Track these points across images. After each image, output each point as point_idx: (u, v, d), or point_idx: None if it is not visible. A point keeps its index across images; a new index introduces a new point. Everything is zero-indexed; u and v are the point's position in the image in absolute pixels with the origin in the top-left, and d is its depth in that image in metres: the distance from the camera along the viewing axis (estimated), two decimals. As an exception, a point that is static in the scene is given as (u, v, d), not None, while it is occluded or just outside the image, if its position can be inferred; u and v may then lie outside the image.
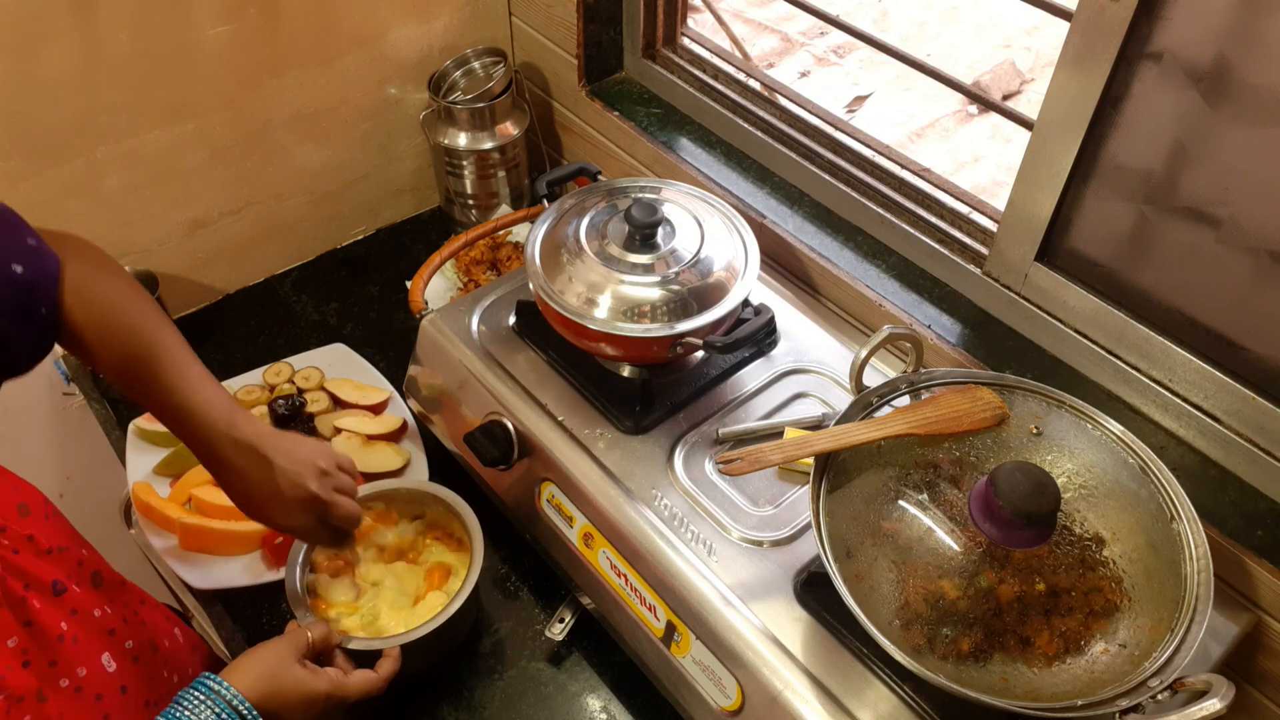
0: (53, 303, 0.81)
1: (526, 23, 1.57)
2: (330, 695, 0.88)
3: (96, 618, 0.77)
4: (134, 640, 0.80)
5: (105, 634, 0.77)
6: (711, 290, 1.05)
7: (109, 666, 0.76)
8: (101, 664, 0.75)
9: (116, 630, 0.79)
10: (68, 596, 0.74)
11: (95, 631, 0.76)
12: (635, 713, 1.06)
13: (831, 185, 1.28)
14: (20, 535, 0.72)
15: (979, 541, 0.81)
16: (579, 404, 1.09)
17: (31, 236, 0.80)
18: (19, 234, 0.80)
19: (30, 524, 0.74)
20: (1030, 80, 3.65)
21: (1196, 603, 0.79)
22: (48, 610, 0.72)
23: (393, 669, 0.95)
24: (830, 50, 3.76)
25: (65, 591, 0.74)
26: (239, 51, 1.33)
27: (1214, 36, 0.84)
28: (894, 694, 0.86)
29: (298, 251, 1.59)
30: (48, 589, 0.73)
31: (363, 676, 0.92)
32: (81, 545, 0.80)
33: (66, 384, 1.46)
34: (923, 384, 0.95)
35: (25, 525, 0.73)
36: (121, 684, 0.76)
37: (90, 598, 0.77)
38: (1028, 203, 1.04)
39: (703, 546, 0.96)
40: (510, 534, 1.18)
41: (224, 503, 1.18)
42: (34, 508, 0.75)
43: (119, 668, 0.77)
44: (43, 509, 0.77)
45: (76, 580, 0.77)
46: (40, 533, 0.74)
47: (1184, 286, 0.96)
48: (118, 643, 0.78)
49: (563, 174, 1.22)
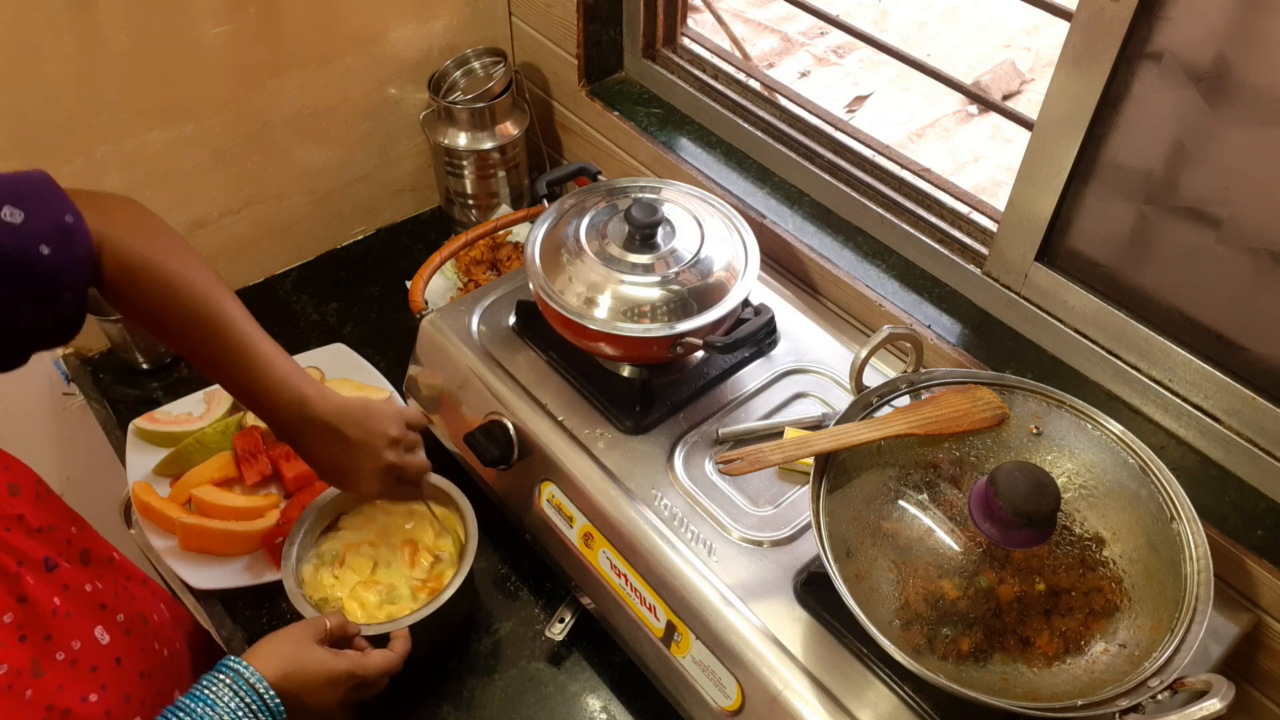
0: (79, 287, 0.81)
1: (526, 23, 1.57)
2: (352, 673, 0.89)
3: (88, 592, 0.78)
4: (125, 614, 0.81)
5: (97, 608, 0.78)
6: (711, 290, 1.05)
7: (102, 639, 0.76)
8: (95, 637, 0.76)
9: (108, 605, 0.79)
10: (59, 572, 0.75)
11: (87, 606, 0.77)
12: (635, 713, 1.06)
13: (831, 185, 1.28)
14: (11, 515, 0.73)
15: (979, 541, 0.81)
16: (579, 404, 1.09)
17: (70, 213, 0.79)
18: (57, 210, 0.78)
19: (20, 503, 0.74)
20: (1030, 80, 3.65)
21: (1196, 603, 0.79)
22: (40, 586, 0.72)
23: (405, 648, 0.97)
24: (830, 50, 3.76)
25: (56, 568, 0.75)
26: (239, 51, 1.33)
27: (1214, 36, 0.84)
28: (894, 694, 0.86)
29: (298, 251, 1.59)
30: (40, 565, 0.73)
31: (382, 654, 0.94)
32: (71, 524, 0.81)
33: (66, 384, 1.46)
34: (923, 384, 0.95)
35: (15, 505, 0.74)
36: (116, 656, 0.77)
37: (80, 573, 0.78)
38: (1028, 203, 1.04)
39: (703, 546, 0.96)
40: (510, 534, 1.18)
41: (224, 503, 1.19)
42: (24, 488, 0.76)
43: (112, 640, 0.77)
44: (34, 489, 0.77)
45: (66, 557, 0.77)
46: (30, 512, 0.75)
47: (1184, 286, 0.96)
48: (109, 616, 0.79)
49: (563, 174, 1.22)
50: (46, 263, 0.76)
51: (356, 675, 0.90)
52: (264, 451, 1.24)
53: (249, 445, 1.24)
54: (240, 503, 1.19)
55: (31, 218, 0.76)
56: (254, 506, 1.19)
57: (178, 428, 1.28)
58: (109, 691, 0.75)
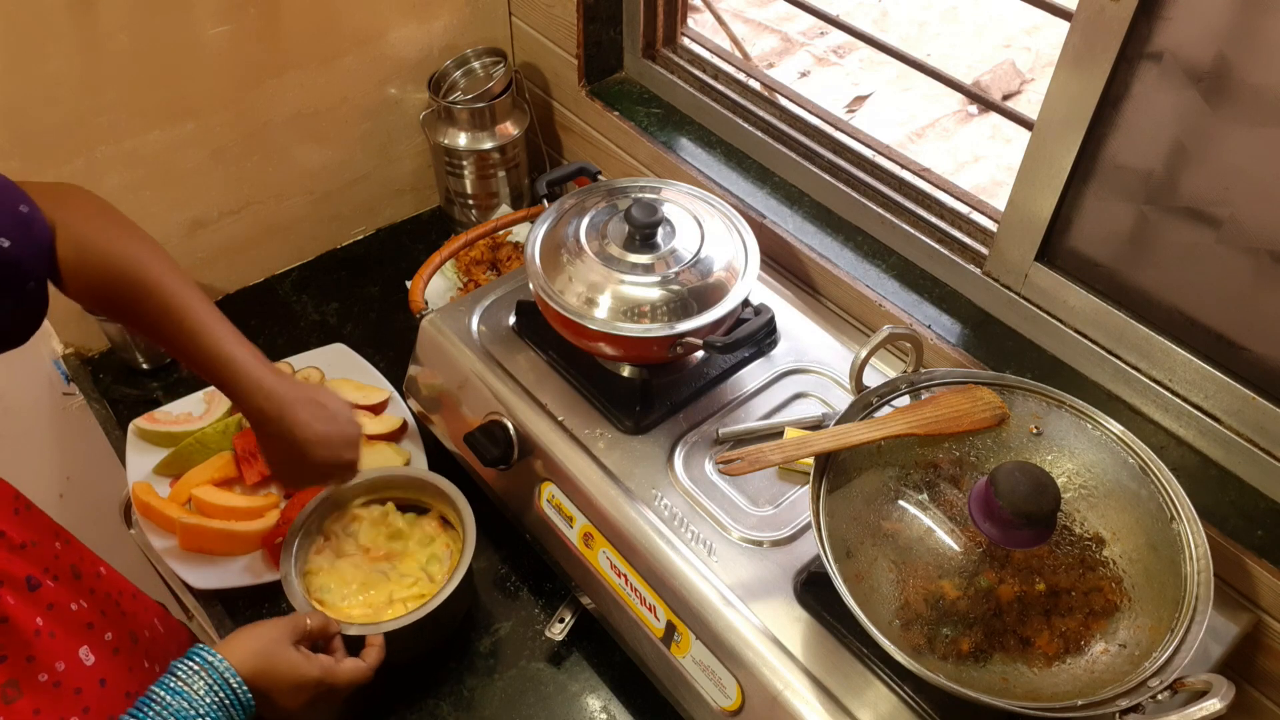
0: (41, 276, 0.80)
1: (526, 23, 1.57)
2: (321, 681, 0.88)
3: (74, 611, 0.77)
4: (114, 633, 0.80)
5: (84, 627, 0.77)
6: (711, 290, 1.05)
7: (87, 660, 0.76)
8: (79, 658, 0.75)
9: (95, 623, 0.79)
10: (43, 591, 0.74)
11: (73, 625, 0.76)
12: (635, 713, 1.06)
13: (831, 185, 1.28)
14: None
15: (979, 541, 0.81)
16: (579, 404, 1.09)
17: (24, 203, 0.78)
18: (11, 201, 0.78)
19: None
20: (1030, 80, 3.65)
21: (1196, 603, 0.79)
22: (22, 606, 0.72)
23: (378, 658, 0.96)
24: (830, 50, 3.76)
25: (40, 586, 0.74)
26: (239, 51, 1.33)
27: (1214, 36, 0.84)
28: (894, 694, 0.86)
29: (298, 251, 1.59)
30: (22, 584, 0.73)
31: (352, 664, 0.93)
32: (55, 538, 0.80)
33: (66, 384, 1.46)
34: (923, 384, 0.95)
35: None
36: (100, 677, 0.77)
37: (67, 591, 0.77)
38: (1028, 203, 1.04)
39: (703, 546, 0.96)
40: (510, 534, 1.18)
41: (224, 503, 1.19)
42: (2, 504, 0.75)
43: (97, 660, 0.77)
44: (12, 504, 0.77)
45: (53, 573, 0.77)
46: (11, 528, 0.74)
47: (1184, 286, 0.96)
48: (97, 635, 0.78)
49: (563, 174, 1.22)
50: (7, 254, 0.76)
51: (325, 683, 0.89)
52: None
53: (249, 445, 1.24)
54: (240, 503, 1.19)
55: None
56: (254, 506, 1.19)
57: (178, 428, 1.28)
58: (92, 714, 0.74)
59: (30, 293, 0.79)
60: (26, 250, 0.77)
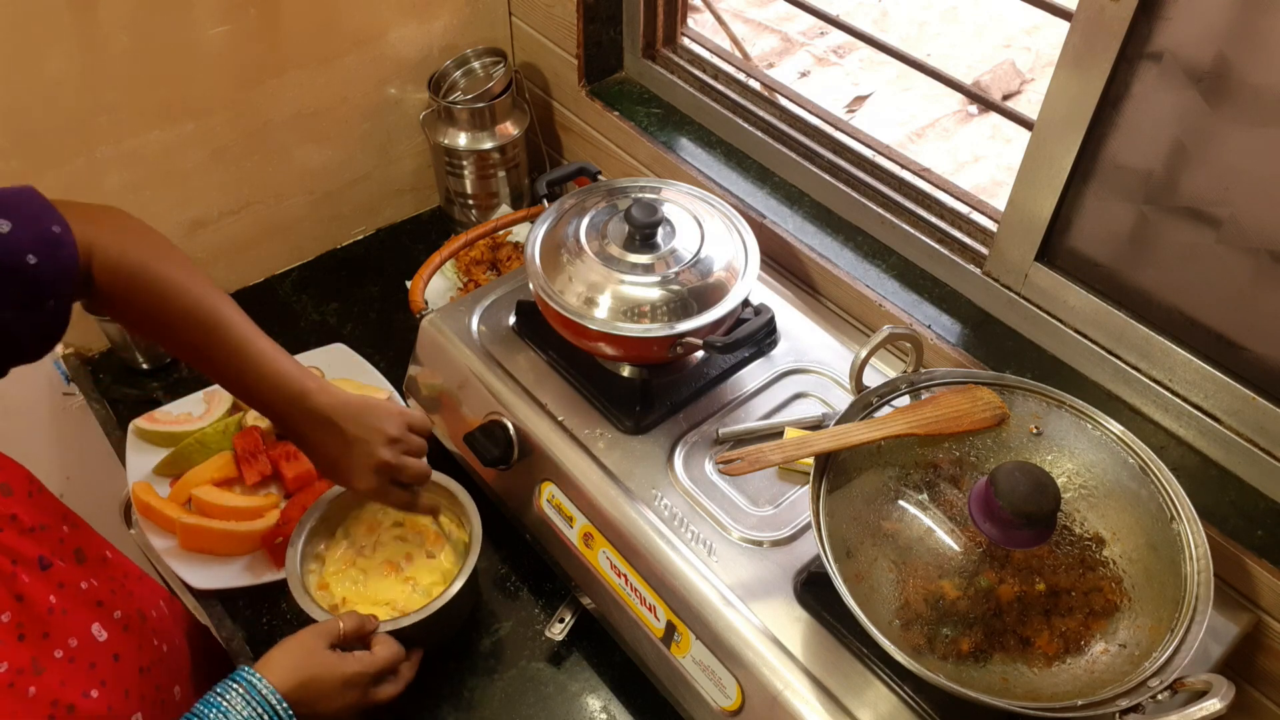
0: (63, 296, 0.81)
1: (526, 23, 1.57)
2: (364, 671, 0.90)
3: (83, 590, 0.78)
4: (122, 610, 0.81)
5: (93, 605, 0.78)
6: (711, 290, 1.05)
7: (99, 636, 0.77)
8: (92, 634, 0.76)
9: (104, 601, 0.80)
10: (54, 570, 0.75)
11: (83, 603, 0.77)
12: (635, 713, 1.06)
13: (831, 185, 1.28)
14: (4, 515, 0.73)
15: (979, 541, 0.81)
16: (579, 404, 1.09)
17: (58, 224, 0.80)
18: (44, 221, 0.79)
19: (13, 503, 0.75)
20: (1030, 80, 3.65)
21: (1196, 603, 0.79)
22: (36, 584, 0.73)
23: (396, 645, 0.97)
24: (830, 50, 3.77)
25: (51, 566, 0.75)
26: (239, 51, 1.33)
27: (1214, 36, 0.84)
28: (894, 694, 0.86)
29: (298, 251, 1.59)
30: (34, 564, 0.74)
31: (384, 643, 0.95)
32: (64, 522, 0.81)
33: (66, 384, 1.46)
34: (923, 384, 0.95)
35: (8, 505, 0.74)
36: (114, 652, 0.78)
37: (75, 571, 0.78)
38: (1028, 203, 1.04)
39: (703, 546, 0.96)
40: (510, 534, 1.18)
41: (224, 503, 1.19)
42: (17, 487, 0.76)
43: (110, 636, 0.78)
44: (26, 488, 0.78)
45: (60, 555, 0.78)
46: (23, 511, 0.75)
47: (1184, 286, 0.96)
48: (106, 613, 0.79)
49: (563, 174, 1.22)
50: (33, 271, 0.77)
51: (369, 672, 0.90)
52: (264, 451, 1.24)
53: (249, 445, 1.24)
54: (240, 503, 1.19)
55: (19, 228, 0.77)
56: (254, 506, 1.19)
57: (178, 428, 1.28)
58: (109, 687, 0.75)
59: (50, 311, 0.81)
60: (52, 270, 0.79)
